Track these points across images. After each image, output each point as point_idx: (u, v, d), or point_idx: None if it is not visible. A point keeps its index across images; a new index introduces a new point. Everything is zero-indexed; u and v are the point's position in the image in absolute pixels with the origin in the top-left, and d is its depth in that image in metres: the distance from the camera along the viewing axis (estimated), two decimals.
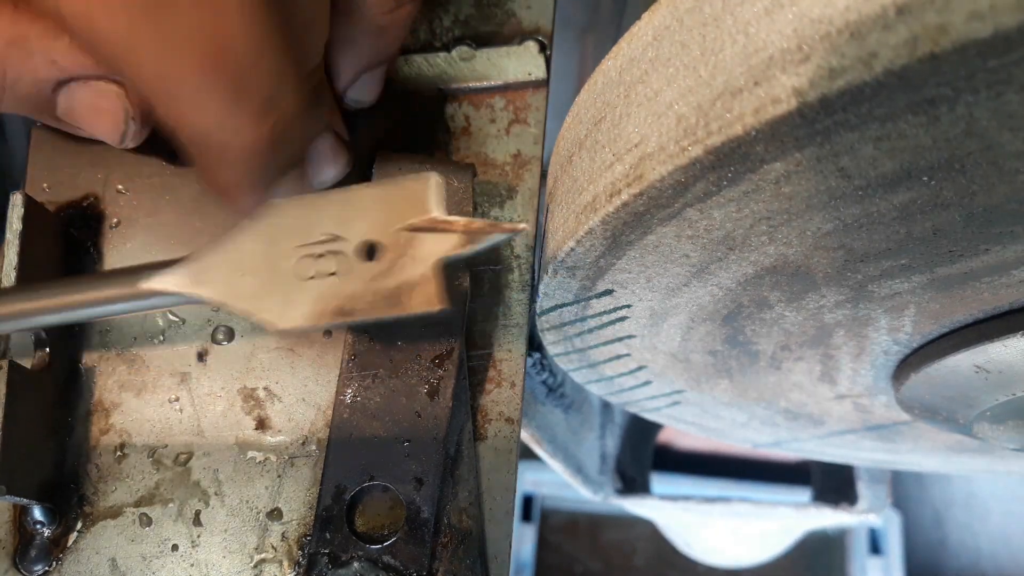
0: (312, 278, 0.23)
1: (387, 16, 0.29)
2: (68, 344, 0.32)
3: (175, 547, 0.30)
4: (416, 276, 0.22)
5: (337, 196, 0.23)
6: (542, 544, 1.24)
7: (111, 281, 0.25)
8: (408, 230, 0.23)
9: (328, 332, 0.32)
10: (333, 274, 0.23)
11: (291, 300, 0.23)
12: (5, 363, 0.28)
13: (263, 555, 0.30)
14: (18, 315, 0.26)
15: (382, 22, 0.29)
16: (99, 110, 0.27)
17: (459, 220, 0.22)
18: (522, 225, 0.23)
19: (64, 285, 0.26)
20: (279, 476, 0.31)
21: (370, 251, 0.23)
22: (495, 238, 0.22)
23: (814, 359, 0.33)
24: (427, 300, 0.22)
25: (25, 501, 0.29)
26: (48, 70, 0.26)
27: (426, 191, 0.23)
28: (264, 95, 0.22)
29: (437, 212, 0.23)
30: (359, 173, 0.34)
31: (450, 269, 0.23)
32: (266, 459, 0.31)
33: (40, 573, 0.30)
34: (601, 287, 0.27)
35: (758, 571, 1.15)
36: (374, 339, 0.30)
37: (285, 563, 0.30)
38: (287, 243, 0.23)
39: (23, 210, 0.29)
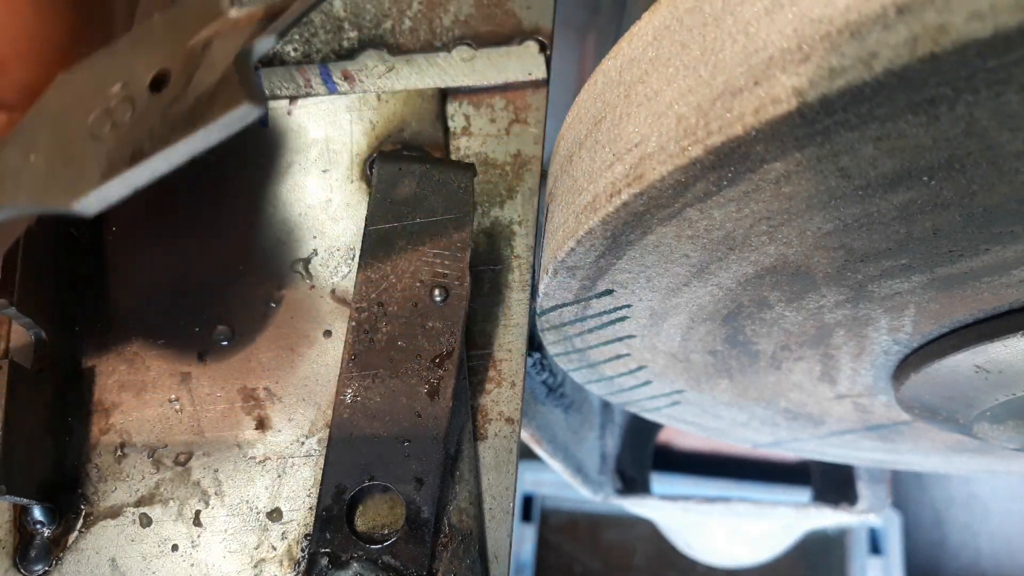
0: (108, 134, 0.19)
1: None
2: (68, 344, 0.32)
3: (175, 547, 0.30)
4: (213, 82, 0.19)
5: (122, 42, 0.20)
6: (542, 544, 1.24)
7: None
8: (200, 45, 0.19)
9: (328, 332, 0.32)
10: (128, 118, 0.19)
11: (83, 169, 0.19)
12: (5, 363, 0.28)
13: (263, 555, 0.30)
14: None
15: None
16: None
17: (254, 8, 0.19)
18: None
19: None
20: (279, 476, 0.31)
21: (161, 81, 0.19)
22: (297, 7, 0.19)
23: (814, 359, 0.33)
24: (230, 100, 0.18)
25: (25, 501, 0.29)
26: None
27: None
28: None
29: (230, 14, 0.19)
30: (360, 174, 0.34)
31: (245, 63, 0.19)
32: (266, 459, 0.31)
33: (40, 573, 0.30)
34: (601, 287, 0.27)
35: (758, 571, 1.15)
36: (374, 339, 0.30)
37: (285, 563, 0.30)
38: (80, 111, 0.20)
39: None
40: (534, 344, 0.35)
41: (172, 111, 0.19)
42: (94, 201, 0.19)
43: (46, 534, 0.30)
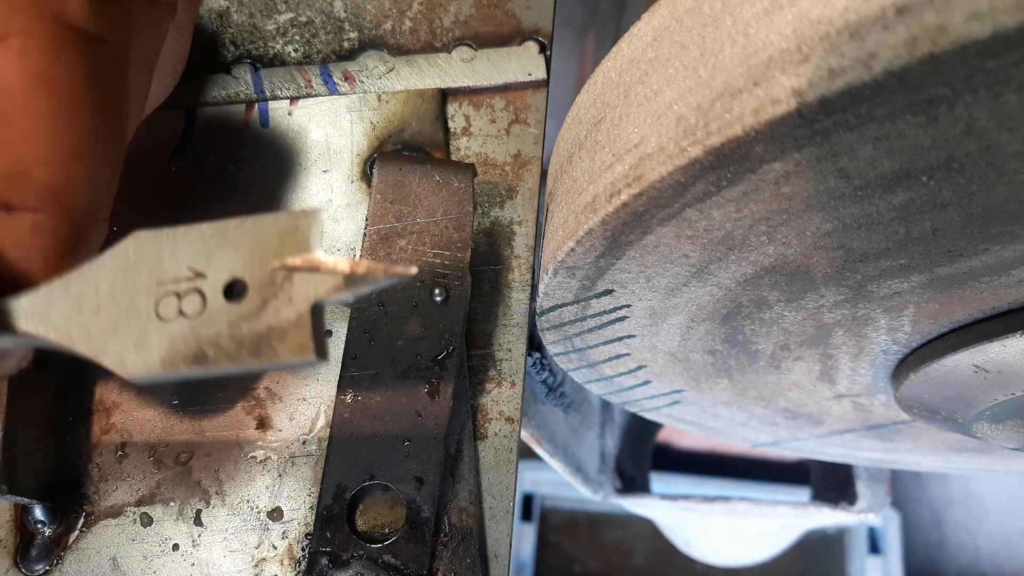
0: (173, 319, 0.20)
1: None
2: None
3: (176, 546, 0.30)
4: (288, 320, 0.19)
5: (206, 228, 0.20)
6: (542, 543, 1.24)
7: None
8: (283, 269, 0.20)
9: (329, 331, 0.32)
10: (197, 314, 0.20)
11: (145, 343, 0.20)
12: None
13: (264, 554, 0.30)
14: None
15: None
16: None
17: (342, 260, 0.19)
18: (413, 269, 0.20)
19: None
20: (280, 475, 0.31)
21: (237, 290, 0.20)
22: (381, 282, 0.19)
23: (813, 358, 0.33)
24: (298, 348, 0.19)
25: (26, 500, 0.29)
26: None
27: (308, 225, 0.20)
28: None
29: (318, 250, 0.20)
30: (360, 174, 0.34)
31: (319, 316, 0.20)
32: (267, 458, 0.31)
33: (41, 572, 0.30)
34: (601, 287, 0.27)
35: (757, 570, 1.15)
36: (374, 339, 0.30)
37: (286, 562, 0.30)
38: (146, 278, 0.20)
39: None
40: (534, 344, 0.36)
41: (242, 329, 0.19)
42: (145, 379, 0.20)
43: (47, 533, 0.30)
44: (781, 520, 0.86)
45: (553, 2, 0.36)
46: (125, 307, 0.20)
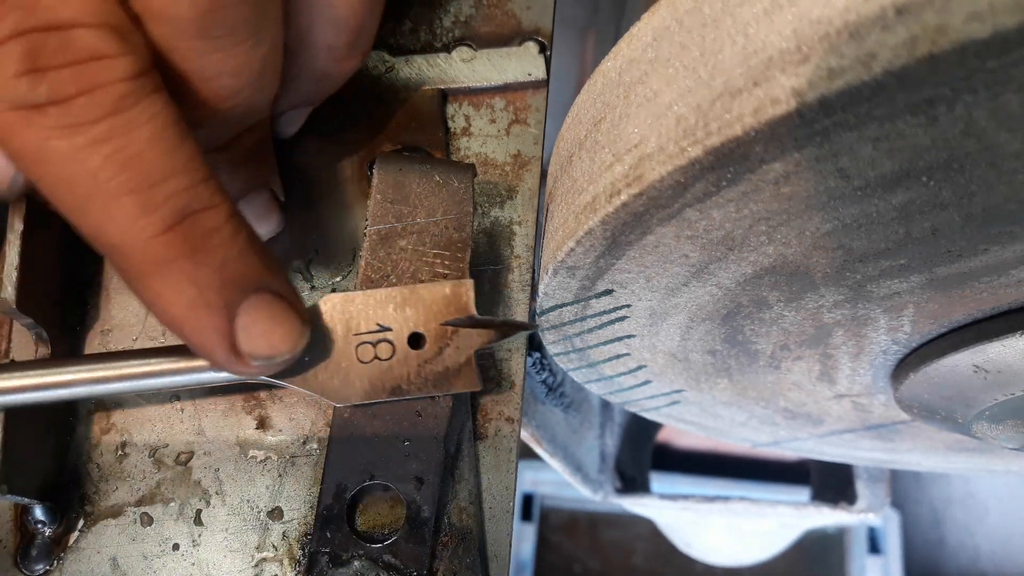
0: (370, 361, 0.28)
1: (335, 64, 0.29)
2: (69, 344, 0.32)
3: (176, 546, 0.30)
4: (458, 363, 0.28)
5: (384, 294, 0.28)
6: (542, 543, 1.24)
7: (175, 357, 0.27)
8: (450, 331, 0.28)
9: None
10: (389, 358, 0.28)
11: (350, 380, 0.28)
12: (7, 363, 0.28)
13: (264, 554, 0.30)
14: (84, 382, 0.27)
15: (328, 69, 0.29)
16: None
17: (491, 319, 0.28)
18: (539, 325, 0.27)
19: (135, 356, 0.27)
20: (280, 475, 0.31)
21: (416, 340, 0.28)
22: (515, 335, 0.28)
23: (813, 358, 0.33)
24: (469, 382, 0.28)
25: (26, 500, 0.29)
26: None
27: (467, 293, 0.28)
28: (174, 204, 0.22)
29: (473, 311, 0.28)
30: (360, 175, 0.34)
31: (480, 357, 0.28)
32: (267, 458, 0.31)
33: (41, 572, 0.30)
34: (601, 287, 0.27)
35: (757, 570, 1.15)
36: None
37: (286, 562, 0.30)
38: (342, 330, 0.28)
39: (24, 210, 0.29)
40: (534, 344, 0.36)
41: (426, 369, 0.28)
42: (351, 405, 0.28)
43: (47, 533, 0.30)
44: (781, 520, 0.86)
45: (553, 2, 0.36)
46: (330, 351, 0.28)
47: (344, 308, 0.28)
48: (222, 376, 0.27)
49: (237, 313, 0.24)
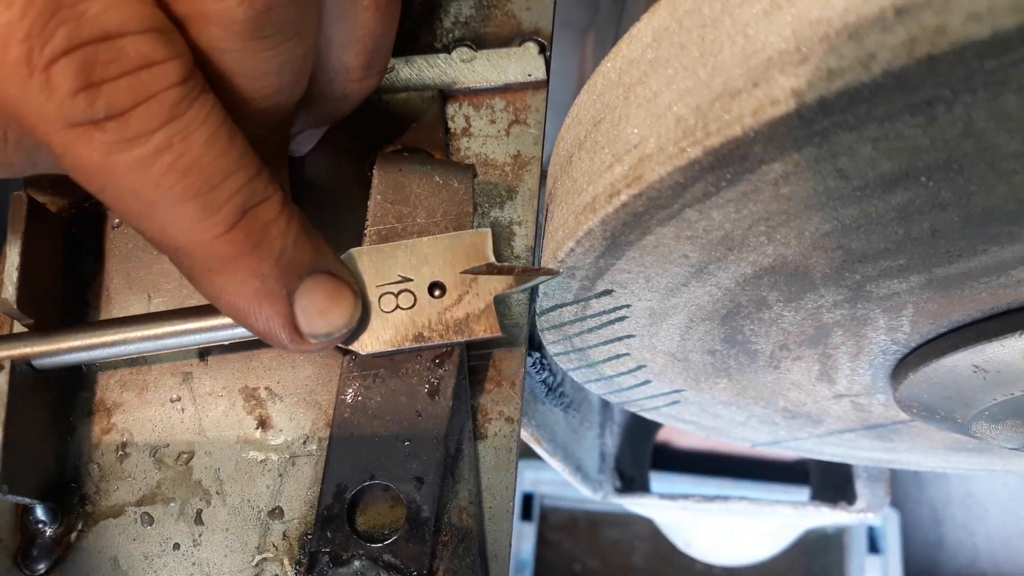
0: (393, 311, 0.28)
1: (352, 85, 0.29)
2: None
3: (177, 546, 0.30)
4: (479, 308, 0.28)
5: (406, 245, 0.29)
6: (542, 542, 1.24)
7: (209, 316, 0.28)
8: (470, 277, 0.28)
9: None
10: (411, 307, 0.28)
11: (374, 329, 0.28)
12: (7, 363, 0.28)
13: (264, 554, 0.30)
14: (116, 343, 0.28)
15: (345, 90, 0.29)
16: None
17: (509, 266, 0.28)
18: (561, 270, 0.27)
19: (162, 318, 0.29)
20: (280, 475, 0.31)
21: (437, 289, 0.28)
22: (536, 279, 0.28)
23: (812, 358, 0.33)
24: (489, 327, 0.28)
25: (27, 500, 0.29)
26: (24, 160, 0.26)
27: (485, 243, 0.28)
28: (234, 202, 0.23)
29: (492, 259, 0.28)
30: (361, 175, 0.34)
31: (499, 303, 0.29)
32: (267, 458, 0.31)
33: (42, 572, 0.30)
34: (600, 287, 0.27)
35: (756, 570, 1.15)
36: None
37: (286, 562, 0.30)
38: (366, 283, 0.28)
39: (25, 210, 0.29)
40: (534, 344, 0.36)
41: (447, 316, 0.28)
42: (377, 354, 0.29)
43: (48, 533, 0.30)
44: (780, 520, 0.86)
45: (553, 3, 0.36)
46: None
47: (366, 260, 0.28)
48: (240, 332, 0.28)
49: (296, 297, 0.26)
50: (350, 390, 0.29)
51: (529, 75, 0.35)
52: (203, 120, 0.22)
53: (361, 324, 0.28)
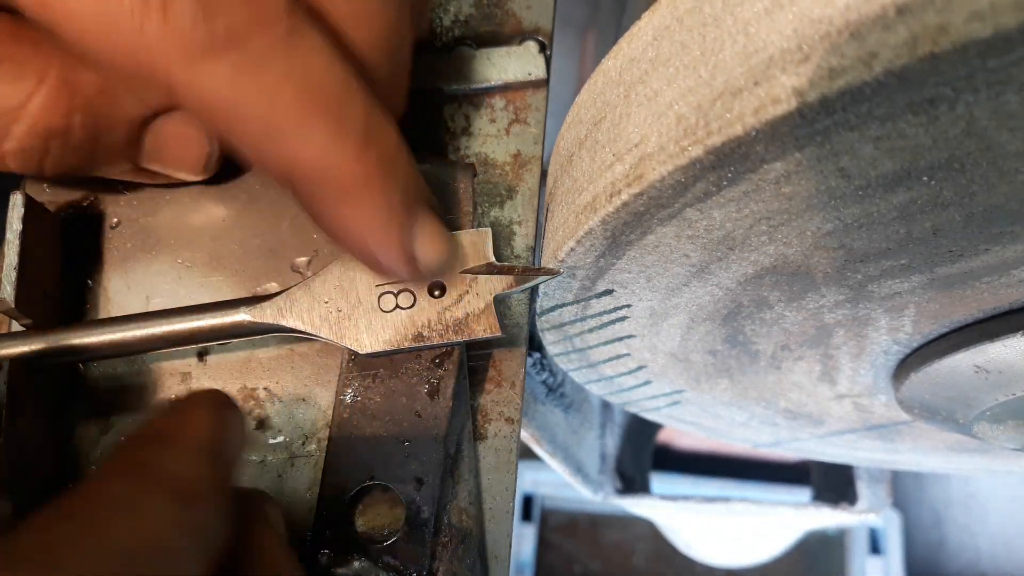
0: (392, 311, 0.28)
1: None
2: None
3: None
4: (478, 308, 0.28)
5: None
6: (542, 544, 1.24)
7: (209, 312, 0.28)
8: (470, 278, 0.28)
9: None
10: (410, 307, 0.28)
11: (373, 328, 0.28)
12: (6, 363, 0.28)
13: None
14: (114, 342, 0.28)
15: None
16: (188, 138, 0.28)
17: (509, 265, 0.28)
18: (562, 270, 0.27)
19: (164, 315, 0.29)
20: (279, 476, 0.31)
21: (437, 289, 0.28)
22: (536, 279, 0.28)
23: (814, 359, 0.33)
24: (489, 327, 0.28)
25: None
26: (137, 109, 0.27)
27: (485, 242, 0.28)
28: (361, 126, 0.24)
29: (492, 259, 0.28)
30: None
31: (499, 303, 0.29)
32: (266, 459, 0.31)
33: None
34: (601, 287, 0.27)
35: (758, 571, 1.15)
36: None
37: None
38: (365, 281, 0.28)
39: (23, 210, 0.29)
40: (534, 344, 0.36)
41: (447, 316, 0.28)
42: (376, 353, 0.28)
43: None
44: (781, 520, 0.86)
45: (553, 2, 0.36)
46: (353, 303, 0.28)
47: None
48: (239, 331, 0.28)
49: (414, 229, 0.26)
50: (349, 390, 0.29)
51: (529, 74, 0.34)
52: (319, 47, 0.23)
53: (352, 316, 0.28)
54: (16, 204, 0.29)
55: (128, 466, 0.20)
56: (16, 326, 0.31)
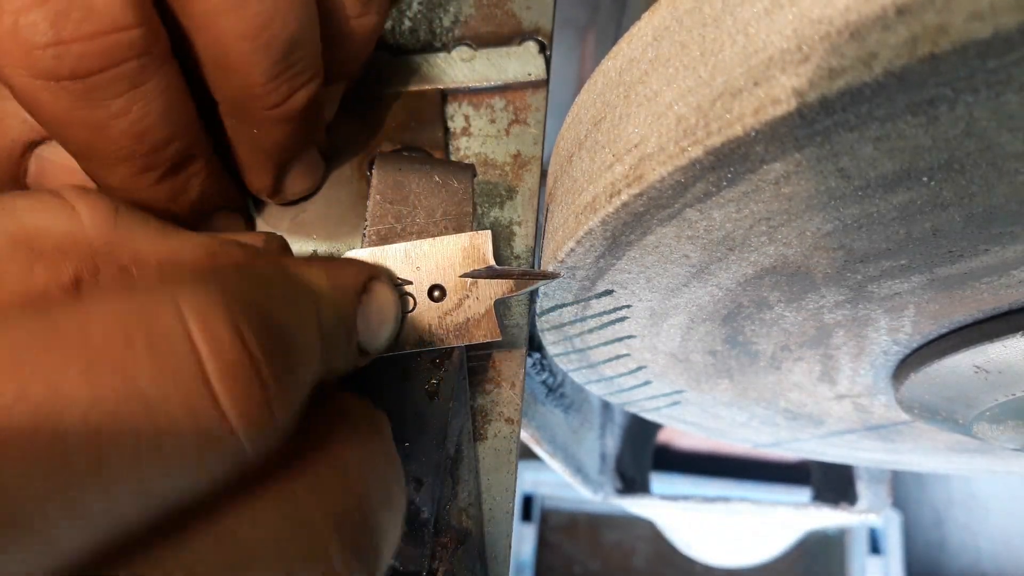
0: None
1: (350, 23, 0.29)
2: None
3: None
4: (479, 313, 0.28)
5: (406, 247, 0.28)
6: (542, 544, 1.24)
7: None
8: (471, 281, 0.28)
9: None
10: (410, 311, 0.28)
11: None
12: None
13: None
14: None
15: (345, 30, 0.29)
16: (73, 169, 0.27)
17: (510, 269, 0.28)
18: (562, 273, 0.27)
19: None
20: None
21: (437, 291, 0.28)
22: (537, 284, 0.28)
23: (814, 359, 0.33)
24: (489, 332, 0.28)
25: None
26: (20, 130, 0.26)
27: (485, 245, 0.28)
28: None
29: (493, 262, 0.28)
30: (359, 175, 0.34)
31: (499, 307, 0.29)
32: None
33: None
34: (601, 287, 0.27)
35: (758, 571, 1.15)
36: None
37: None
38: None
39: None
40: (534, 344, 0.36)
41: (448, 320, 0.28)
42: (378, 355, 0.27)
43: None
44: (781, 521, 0.86)
45: (553, 2, 0.36)
46: None
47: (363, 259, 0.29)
48: None
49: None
50: (349, 391, 0.29)
51: (529, 74, 0.34)
52: (163, 90, 0.23)
53: None
54: None
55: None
56: None
